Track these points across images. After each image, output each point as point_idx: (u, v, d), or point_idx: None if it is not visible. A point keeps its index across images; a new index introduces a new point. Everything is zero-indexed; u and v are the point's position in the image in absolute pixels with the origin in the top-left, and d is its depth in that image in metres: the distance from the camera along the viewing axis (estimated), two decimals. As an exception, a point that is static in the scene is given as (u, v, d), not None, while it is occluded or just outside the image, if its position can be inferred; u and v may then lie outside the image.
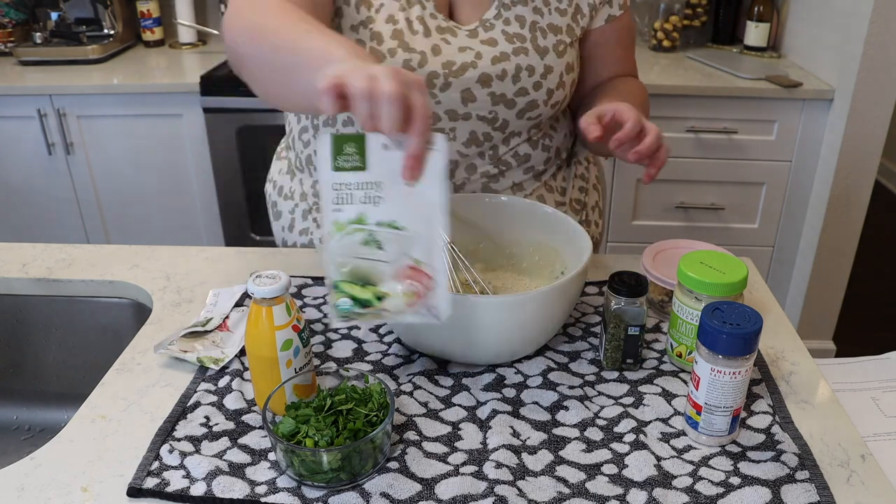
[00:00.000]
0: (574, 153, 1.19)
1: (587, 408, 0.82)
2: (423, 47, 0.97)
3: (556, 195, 1.14)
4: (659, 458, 0.75)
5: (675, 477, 0.72)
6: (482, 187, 1.07)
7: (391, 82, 0.64)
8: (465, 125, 1.01)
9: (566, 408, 0.82)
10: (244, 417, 0.80)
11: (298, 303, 1.00)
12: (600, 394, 0.84)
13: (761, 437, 0.77)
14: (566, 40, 1.03)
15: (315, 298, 1.02)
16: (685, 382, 0.86)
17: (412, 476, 0.72)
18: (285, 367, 0.77)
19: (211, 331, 0.93)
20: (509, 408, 0.81)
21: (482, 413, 0.81)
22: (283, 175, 1.20)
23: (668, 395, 0.84)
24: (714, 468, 0.74)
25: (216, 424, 0.79)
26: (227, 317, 0.96)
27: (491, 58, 0.98)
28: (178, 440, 0.76)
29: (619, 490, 0.71)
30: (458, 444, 0.76)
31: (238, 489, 0.71)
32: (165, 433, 0.78)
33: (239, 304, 0.99)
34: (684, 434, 0.78)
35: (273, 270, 0.76)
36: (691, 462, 0.74)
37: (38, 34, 2.45)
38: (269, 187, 1.24)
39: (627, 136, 0.88)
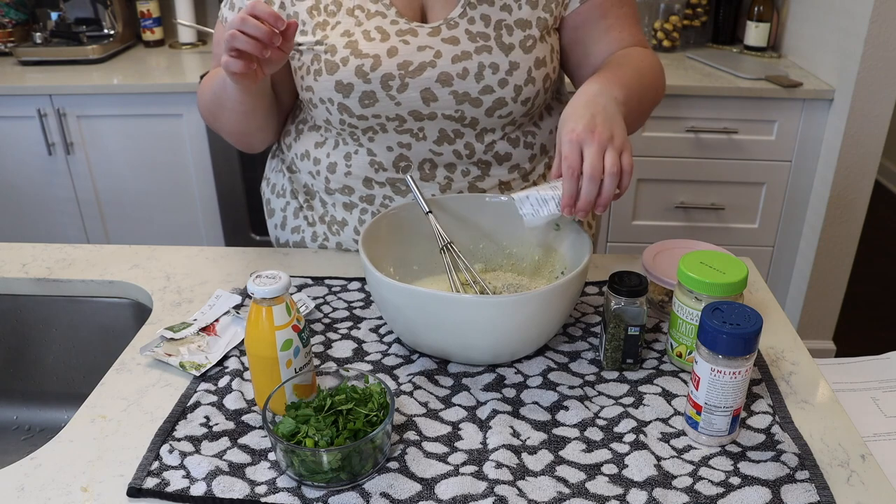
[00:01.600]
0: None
1: (587, 408, 0.82)
2: (378, 50, 0.97)
3: None
4: (659, 458, 0.75)
5: (675, 477, 0.72)
6: (469, 187, 1.07)
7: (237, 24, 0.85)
8: (432, 124, 1.02)
9: (566, 408, 0.82)
10: (244, 417, 0.80)
11: (298, 303, 1.00)
12: (600, 394, 0.84)
13: (761, 437, 0.77)
14: (535, 34, 1.01)
15: (315, 298, 1.02)
16: (685, 382, 0.86)
17: (412, 476, 0.72)
18: (285, 367, 0.77)
19: (196, 334, 0.93)
20: (509, 408, 0.81)
21: (482, 413, 0.81)
22: (275, 173, 1.21)
23: (668, 395, 0.84)
24: (714, 468, 0.74)
25: (216, 424, 0.79)
26: (216, 320, 0.96)
27: (451, 56, 0.98)
28: (178, 440, 0.76)
29: (619, 490, 0.71)
30: (458, 444, 0.76)
31: (238, 489, 0.71)
32: (165, 433, 0.78)
33: (237, 306, 0.99)
34: (684, 434, 0.78)
35: (273, 270, 0.77)
36: (691, 462, 0.74)
37: (38, 34, 2.45)
38: (263, 185, 1.25)
39: (570, 199, 0.84)
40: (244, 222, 2.41)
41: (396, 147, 1.04)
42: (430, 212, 0.95)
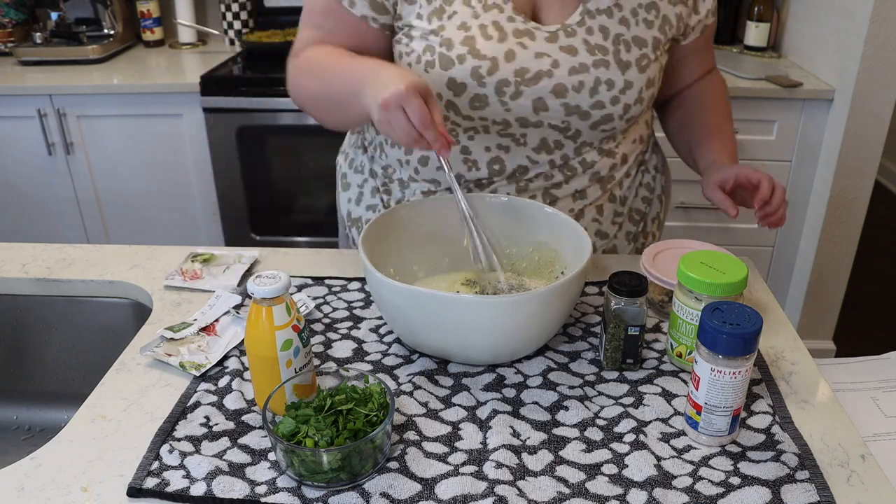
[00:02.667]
0: (643, 161, 1.16)
1: (587, 408, 0.82)
2: (495, 53, 0.94)
3: (616, 205, 1.12)
4: (659, 458, 0.75)
5: (675, 477, 0.72)
6: (543, 192, 1.05)
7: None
8: (535, 132, 1.00)
9: (566, 408, 0.82)
10: (244, 417, 0.80)
11: (298, 303, 1.00)
12: (600, 394, 0.84)
13: (761, 437, 0.77)
14: (651, 56, 1.00)
15: (315, 298, 1.02)
16: (685, 382, 0.86)
17: (412, 476, 0.72)
18: (285, 367, 0.77)
19: (196, 334, 0.93)
20: (509, 408, 0.81)
21: (482, 413, 0.81)
22: (355, 148, 1.19)
23: (668, 395, 0.84)
24: (714, 468, 0.74)
25: (216, 424, 0.79)
26: (216, 320, 0.96)
27: (569, 68, 0.96)
28: (178, 440, 0.76)
29: (619, 490, 0.71)
30: (458, 444, 0.76)
31: (238, 489, 0.71)
32: (165, 433, 0.78)
33: (237, 306, 0.99)
34: (684, 434, 0.78)
35: (273, 270, 0.76)
36: (691, 462, 0.74)
37: (38, 34, 2.45)
38: (340, 158, 1.23)
39: (766, 201, 1.03)
40: (244, 222, 2.41)
41: (495, 149, 1.02)
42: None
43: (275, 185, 2.36)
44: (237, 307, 0.99)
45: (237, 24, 2.58)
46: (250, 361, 0.78)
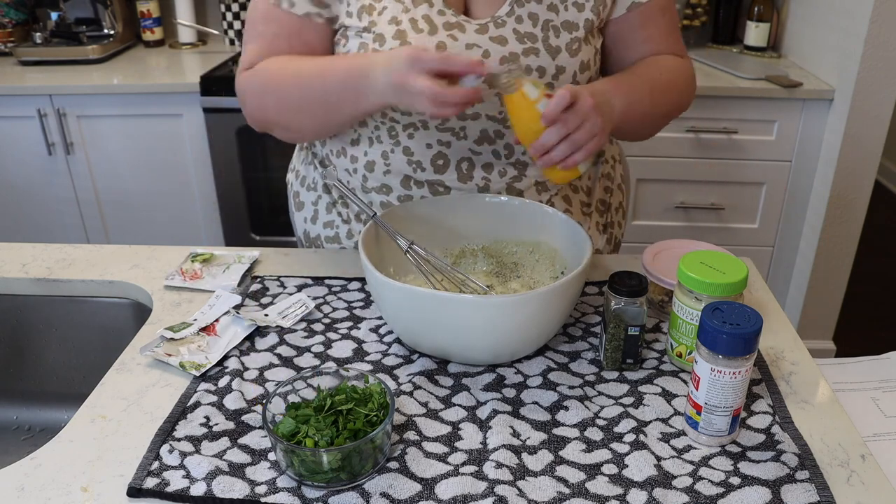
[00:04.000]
0: (601, 152, 1.16)
1: (587, 408, 0.82)
2: (427, 45, 0.95)
3: (581, 195, 1.13)
4: (659, 458, 0.75)
5: (675, 477, 0.72)
6: (506, 188, 1.06)
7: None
8: (474, 125, 1.01)
9: (566, 408, 0.82)
10: (244, 417, 0.80)
11: (298, 303, 1.00)
12: (600, 394, 0.84)
13: (761, 437, 0.77)
14: (581, 36, 1.00)
15: (315, 298, 1.02)
16: (685, 382, 0.86)
17: (412, 476, 0.72)
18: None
19: (196, 334, 0.93)
20: (509, 408, 0.81)
21: (482, 413, 0.81)
22: (305, 165, 1.19)
23: (668, 395, 0.84)
24: (714, 468, 0.74)
25: (216, 424, 0.79)
26: (216, 320, 0.96)
27: (500, 58, 0.97)
28: (178, 440, 0.76)
29: (619, 490, 0.71)
30: (458, 444, 0.76)
31: (238, 489, 0.71)
32: (165, 433, 0.78)
33: (237, 306, 0.99)
34: (684, 434, 0.78)
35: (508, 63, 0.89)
36: (691, 462, 0.74)
37: (38, 34, 2.45)
38: (290, 176, 1.23)
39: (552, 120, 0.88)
40: (244, 222, 2.41)
41: (436, 145, 1.02)
42: (410, 246, 0.94)
43: (275, 185, 2.36)
44: (237, 307, 0.99)
45: (237, 24, 2.58)
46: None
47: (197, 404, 0.82)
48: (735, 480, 0.72)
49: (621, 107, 0.96)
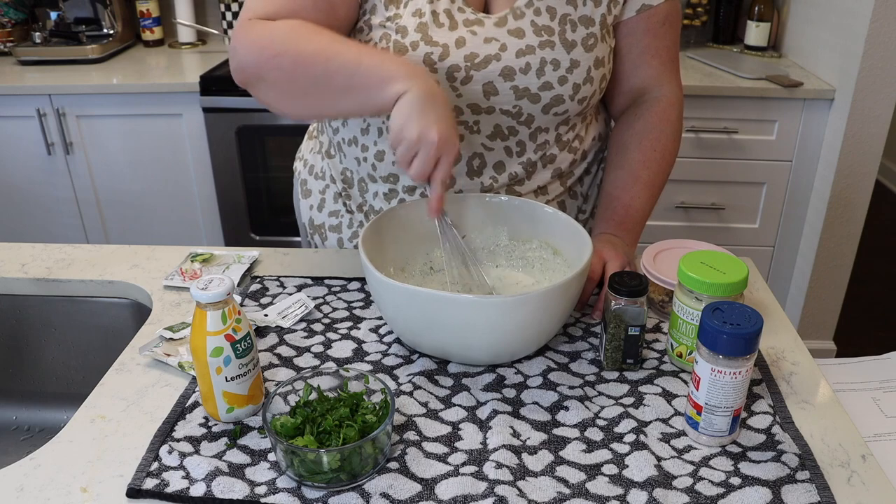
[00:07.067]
0: (603, 159, 1.16)
1: (587, 408, 0.82)
2: (446, 40, 0.95)
3: (578, 201, 1.13)
4: (659, 459, 0.74)
5: (676, 477, 0.72)
6: (507, 190, 1.05)
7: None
8: (488, 119, 1.01)
9: (566, 408, 0.82)
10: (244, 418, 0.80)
11: (298, 303, 1.00)
12: (600, 394, 0.84)
13: (762, 438, 0.77)
14: (597, 33, 1.00)
15: (315, 298, 1.02)
16: (685, 382, 0.86)
17: (412, 476, 0.72)
18: (215, 374, 0.76)
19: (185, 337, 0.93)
20: (509, 408, 0.81)
21: (482, 413, 0.81)
22: (314, 154, 1.19)
23: (668, 396, 0.83)
24: (714, 468, 0.73)
25: (215, 425, 0.79)
26: None
27: (516, 50, 0.97)
28: (178, 441, 0.76)
29: (619, 490, 0.71)
30: (458, 445, 0.76)
31: (238, 490, 0.70)
32: (165, 433, 0.77)
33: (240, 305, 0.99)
34: (684, 434, 0.78)
35: (223, 276, 0.76)
36: (692, 462, 0.74)
37: (38, 34, 2.45)
38: (298, 165, 1.23)
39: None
40: (244, 222, 2.41)
41: None
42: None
43: (275, 185, 2.36)
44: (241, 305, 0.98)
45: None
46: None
47: (196, 404, 0.82)
48: (735, 481, 0.72)
49: (633, 238, 1.05)
